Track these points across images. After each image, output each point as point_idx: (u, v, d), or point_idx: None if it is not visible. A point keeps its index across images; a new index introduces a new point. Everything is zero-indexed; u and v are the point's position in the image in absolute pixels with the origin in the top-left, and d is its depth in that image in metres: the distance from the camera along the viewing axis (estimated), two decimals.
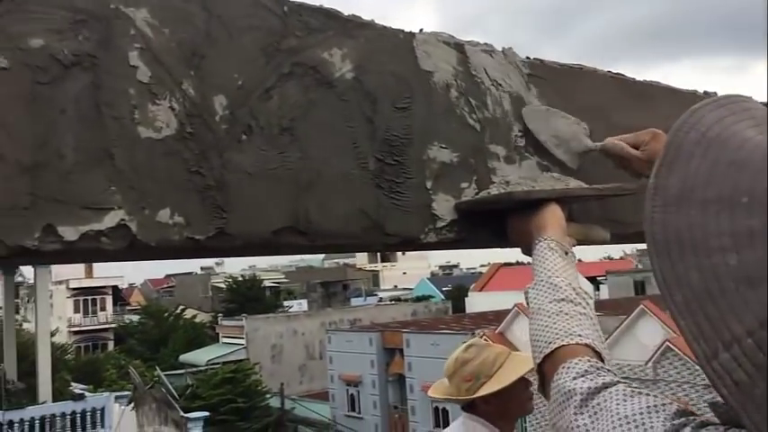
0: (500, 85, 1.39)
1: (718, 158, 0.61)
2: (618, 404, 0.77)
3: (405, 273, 62.07)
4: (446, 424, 23.04)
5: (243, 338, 32.74)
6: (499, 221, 1.28)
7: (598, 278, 40.32)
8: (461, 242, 1.28)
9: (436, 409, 23.61)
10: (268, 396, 26.01)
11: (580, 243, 1.29)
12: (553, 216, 1.17)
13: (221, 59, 1.02)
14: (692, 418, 0.72)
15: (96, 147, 0.91)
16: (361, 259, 67.25)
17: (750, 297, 0.54)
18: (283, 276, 56.43)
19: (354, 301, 43.26)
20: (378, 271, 63.87)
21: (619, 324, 19.28)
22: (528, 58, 1.47)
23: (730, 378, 0.55)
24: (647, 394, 0.78)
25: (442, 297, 42.15)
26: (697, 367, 16.44)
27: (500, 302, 28.31)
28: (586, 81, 1.56)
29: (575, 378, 0.84)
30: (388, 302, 41.21)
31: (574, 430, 0.78)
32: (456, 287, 44.81)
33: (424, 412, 23.96)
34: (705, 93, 1.88)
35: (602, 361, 0.91)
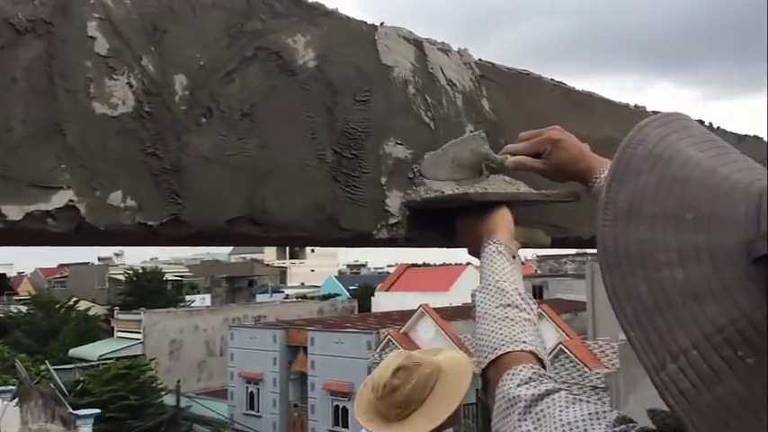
0: (454, 84, 1.39)
1: (664, 175, 0.63)
2: (560, 411, 0.79)
3: (313, 270, 61.79)
4: (345, 423, 23.18)
5: (140, 333, 31.56)
6: (447, 221, 1.28)
7: None
8: (411, 240, 1.27)
9: (336, 407, 23.64)
10: (163, 393, 25.20)
11: (523, 246, 1.29)
12: (503, 220, 1.18)
13: (184, 37, 0.97)
14: (631, 425, 0.74)
15: (47, 120, 0.83)
16: (269, 255, 66.40)
17: (696, 311, 0.57)
18: (187, 270, 54.83)
19: (260, 298, 42.67)
20: (286, 267, 63.30)
21: None
22: (480, 60, 1.48)
23: (677, 388, 0.57)
24: (588, 401, 0.80)
25: (349, 296, 42.24)
26: (586, 369, 17.28)
27: (406, 303, 28.67)
28: (532, 86, 1.59)
29: (519, 385, 0.85)
30: (295, 300, 40.90)
31: None
32: (363, 286, 45.02)
33: (324, 411, 23.94)
34: (636, 106, 1.96)
35: (544, 368, 0.94)
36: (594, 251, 0.67)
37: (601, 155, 1.76)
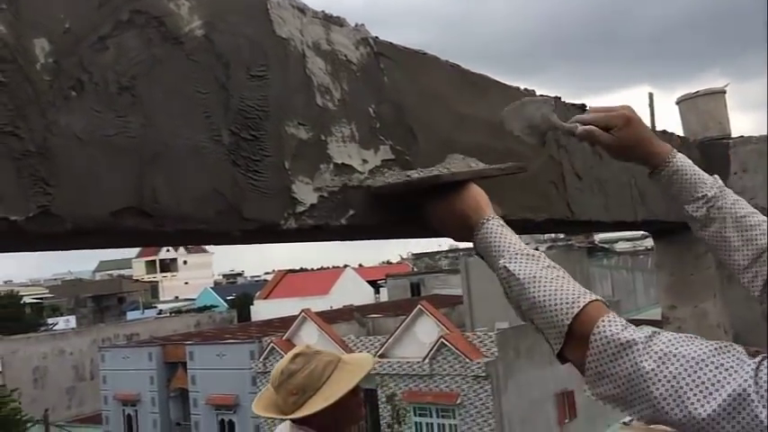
0: (352, 61, 1.29)
1: None
2: (684, 347, 0.84)
3: (187, 283, 59.57)
4: None
5: None
6: (394, 209, 1.25)
7: (378, 282, 42.06)
8: (332, 232, 1.16)
9: (222, 421, 22.90)
10: (30, 425, 23.34)
11: None
12: (482, 196, 1.17)
13: None
14: (764, 354, 0.80)
15: None
16: (138, 270, 63.28)
17: None
18: (47, 291, 51.04)
19: (131, 315, 40.51)
20: (157, 282, 60.55)
21: (399, 324, 20.22)
22: (377, 37, 1.39)
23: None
24: (696, 337, 0.86)
25: (227, 306, 41.05)
26: (467, 360, 17.80)
27: (286, 309, 28.29)
28: (429, 66, 1.52)
29: (623, 329, 0.89)
30: (169, 314, 39.17)
31: (641, 374, 0.84)
32: (241, 295, 43.92)
33: (209, 426, 23.13)
34: (525, 89, 1.95)
35: None
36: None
37: (501, 137, 1.73)
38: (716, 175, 1.33)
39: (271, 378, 2.09)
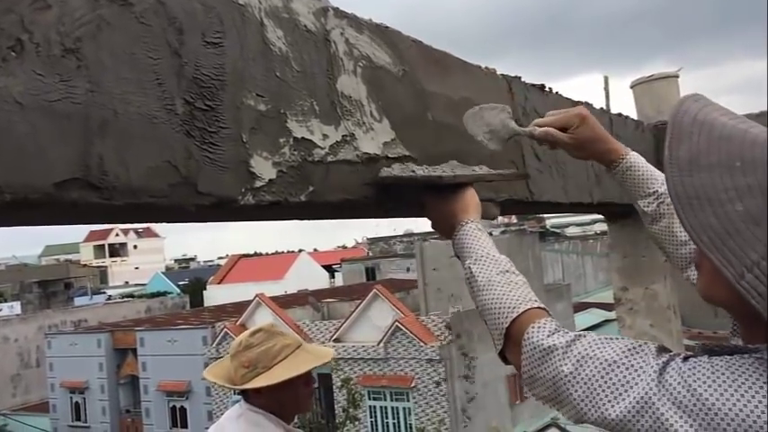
0: (312, 32, 1.24)
1: (710, 135, 0.81)
2: (599, 350, 0.88)
3: (137, 268, 58.43)
4: (184, 423, 22.25)
5: None
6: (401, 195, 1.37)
7: (333, 266, 42.00)
8: (291, 208, 1.11)
9: (173, 408, 22.60)
10: None
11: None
12: (473, 200, 1.28)
13: None
14: (674, 353, 0.84)
15: None
16: (86, 254, 61.76)
17: (758, 232, 0.74)
18: None
19: (79, 301, 39.49)
20: (106, 267, 59.20)
21: (354, 308, 20.24)
22: (337, 7, 1.34)
23: (756, 291, 0.74)
24: (616, 338, 0.90)
25: (179, 292, 40.42)
26: (422, 344, 17.97)
27: (240, 294, 27.99)
28: (392, 39, 1.49)
29: (549, 335, 0.95)
30: (119, 300, 38.35)
31: (561, 378, 0.90)
32: (194, 281, 43.27)
33: (161, 413, 22.79)
34: (486, 68, 1.93)
35: None
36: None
37: (461, 115, 1.71)
38: None
39: (230, 347, 2.09)
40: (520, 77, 2.06)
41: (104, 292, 44.52)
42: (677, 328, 3.29)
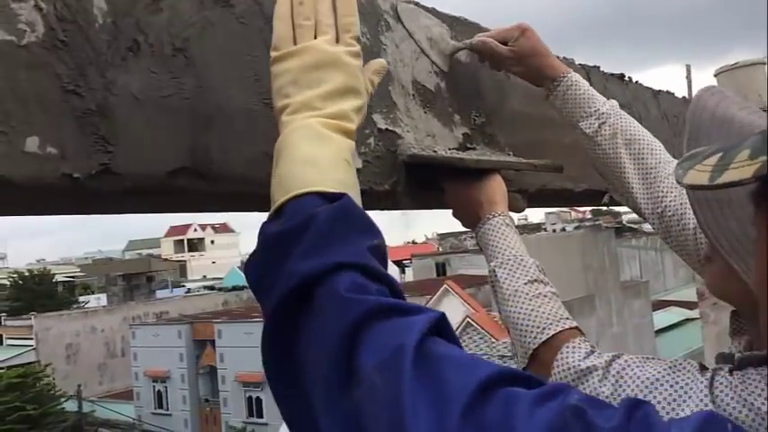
0: (390, 24, 1.28)
1: (729, 132, 0.79)
2: (638, 369, 0.84)
3: (214, 262, 60.28)
4: (260, 413, 22.86)
5: (32, 339, 29.71)
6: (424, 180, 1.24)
7: (403, 261, 42.14)
8: (377, 197, 1.16)
9: (250, 398, 23.26)
10: (63, 400, 23.90)
11: None
12: (500, 189, 1.17)
13: None
14: (715, 367, 0.80)
15: None
16: (166, 249, 64.15)
17: None
18: (78, 270, 52.03)
19: (160, 294, 41.14)
20: (185, 261, 61.36)
21: (425, 304, 20.25)
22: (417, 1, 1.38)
23: None
24: (653, 359, 0.87)
25: None
26: (494, 340, 17.84)
27: None
28: (470, 31, 1.51)
29: (585, 357, 0.91)
30: (198, 293, 39.72)
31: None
32: None
33: (238, 403, 23.49)
34: (565, 57, 1.93)
35: None
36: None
37: (539, 105, 1.72)
38: (613, 100, 1.29)
39: None
40: (598, 67, 2.05)
41: (184, 286, 46.17)
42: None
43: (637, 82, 2.35)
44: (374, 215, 1.34)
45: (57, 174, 0.75)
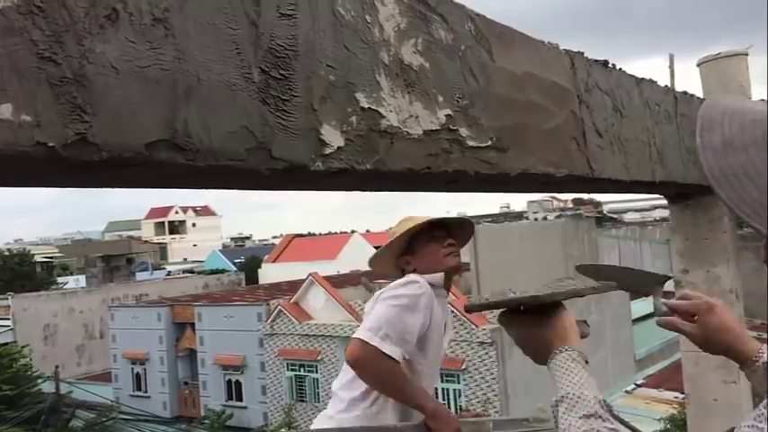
0: (384, 4, 1.27)
1: (743, 119, 0.85)
2: None
3: (195, 245, 59.94)
4: (239, 396, 22.87)
5: (9, 319, 29.41)
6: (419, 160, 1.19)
7: None
8: (358, 176, 1.16)
9: (229, 381, 23.23)
10: (40, 381, 23.72)
11: None
12: (571, 323, 1.18)
13: None
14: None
15: None
16: (146, 231, 63.65)
17: None
18: (57, 251, 51.50)
19: (140, 276, 40.86)
20: (165, 243, 60.94)
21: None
22: None
23: None
24: None
25: (235, 269, 41.34)
26: (473, 326, 17.95)
27: (294, 273, 28.44)
28: (455, 13, 1.50)
29: None
30: (178, 276, 39.51)
31: None
32: (249, 258, 44.18)
33: (217, 386, 23.45)
34: (549, 43, 1.93)
35: None
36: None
37: (523, 90, 1.71)
38: None
39: None
40: (582, 53, 2.05)
41: (164, 268, 45.89)
42: (739, 313, 3.22)
43: (620, 69, 2.36)
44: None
45: (31, 142, 0.73)
